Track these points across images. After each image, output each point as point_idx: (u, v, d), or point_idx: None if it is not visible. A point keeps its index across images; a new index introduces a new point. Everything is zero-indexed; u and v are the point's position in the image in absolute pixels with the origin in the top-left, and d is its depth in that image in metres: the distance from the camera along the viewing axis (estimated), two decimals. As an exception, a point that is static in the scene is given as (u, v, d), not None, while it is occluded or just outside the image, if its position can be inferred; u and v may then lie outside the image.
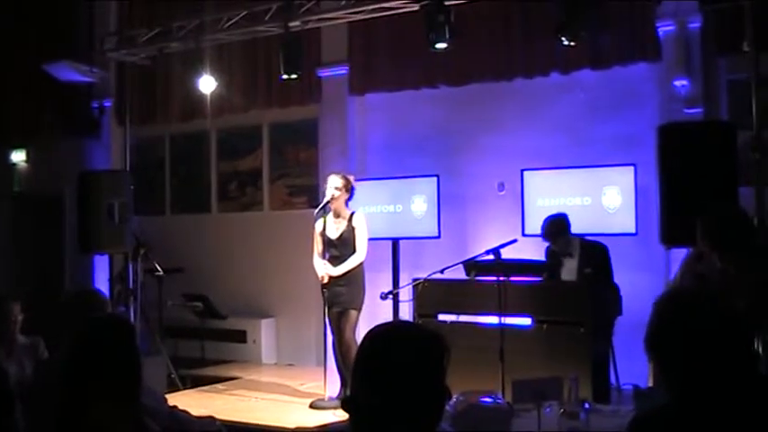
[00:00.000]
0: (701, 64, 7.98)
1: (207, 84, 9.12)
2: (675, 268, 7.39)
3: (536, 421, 3.81)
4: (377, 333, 2.24)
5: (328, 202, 7.54)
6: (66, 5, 11.27)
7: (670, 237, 6.46)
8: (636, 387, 4.86)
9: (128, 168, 9.96)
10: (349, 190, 7.61)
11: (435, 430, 2.20)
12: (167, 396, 6.95)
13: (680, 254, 6.86)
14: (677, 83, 8.00)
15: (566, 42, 7.48)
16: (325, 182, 7.73)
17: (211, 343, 10.00)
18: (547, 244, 7.53)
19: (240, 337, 10.40)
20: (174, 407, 3.47)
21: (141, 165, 11.00)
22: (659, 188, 6.56)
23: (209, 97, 9.44)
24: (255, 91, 10.46)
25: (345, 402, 2.21)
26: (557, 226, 7.35)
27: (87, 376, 2.87)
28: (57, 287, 10.65)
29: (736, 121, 7.07)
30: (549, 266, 7.28)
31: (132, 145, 10.38)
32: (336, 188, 7.52)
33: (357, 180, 7.94)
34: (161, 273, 9.20)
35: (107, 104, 11.00)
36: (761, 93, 6.50)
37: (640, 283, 7.79)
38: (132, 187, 9.19)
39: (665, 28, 8.09)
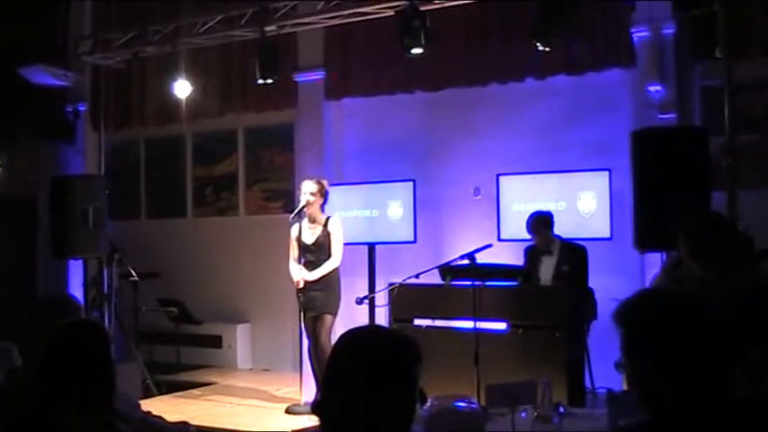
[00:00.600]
0: (674, 70, 8.04)
1: (182, 88, 9.10)
2: (650, 273, 7.46)
3: (510, 425, 3.82)
4: (349, 338, 2.24)
5: (303, 208, 7.54)
6: (40, 8, 11.20)
7: (644, 241, 6.51)
8: (610, 390, 4.88)
9: (102, 173, 9.92)
10: (323, 195, 7.62)
11: None
12: (142, 402, 6.92)
13: (654, 258, 6.93)
14: (651, 88, 8.05)
15: (540, 48, 7.52)
16: (300, 187, 7.72)
17: (187, 348, 9.98)
18: (525, 245, 7.59)
19: (216, 342, 10.38)
20: (148, 413, 3.46)
21: (116, 169, 10.97)
22: (633, 193, 6.61)
23: (184, 102, 9.41)
24: (231, 95, 10.44)
25: (316, 407, 2.20)
26: (542, 220, 7.47)
27: (60, 382, 2.86)
28: (30, 292, 10.58)
29: (708, 126, 7.14)
30: (525, 270, 7.31)
31: (107, 149, 10.34)
32: (311, 193, 7.52)
33: (333, 185, 7.94)
34: (136, 278, 9.15)
35: (82, 108, 10.92)
36: (733, 99, 6.57)
37: (615, 287, 7.79)
38: (107, 192, 9.13)
39: (639, 34, 8.15)
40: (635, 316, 2.19)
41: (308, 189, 7.54)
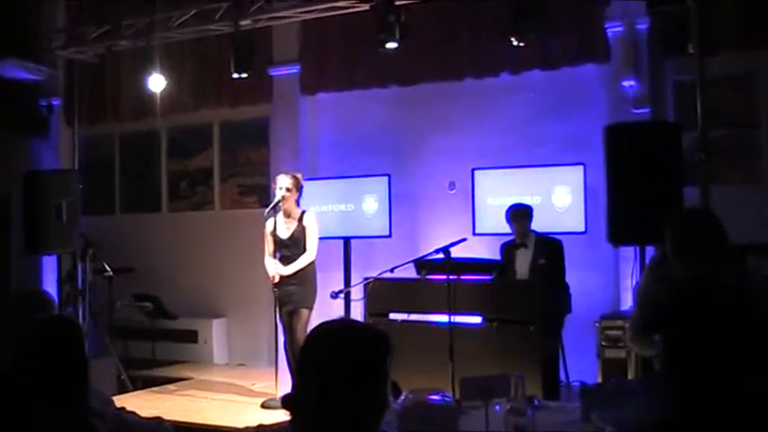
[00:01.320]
0: (648, 65, 8.11)
1: (157, 82, 9.06)
2: (624, 267, 7.54)
3: (484, 419, 3.84)
4: (321, 331, 2.24)
5: (279, 203, 7.53)
6: (12, 2, 11.10)
7: (617, 235, 6.55)
8: (583, 384, 4.91)
9: (76, 167, 9.86)
10: (299, 189, 7.62)
11: (377, 430, 2.19)
12: (117, 397, 6.89)
13: (628, 252, 6.99)
14: (625, 83, 8.11)
15: (515, 43, 7.54)
16: (275, 182, 7.71)
17: (162, 343, 9.94)
18: (503, 241, 7.61)
19: (191, 337, 10.35)
20: (122, 408, 3.45)
21: (90, 164, 10.93)
22: (606, 187, 6.65)
23: (159, 96, 9.36)
24: (206, 90, 10.41)
25: (287, 401, 2.21)
26: (523, 211, 7.50)
27: (33, 378, 2.85)
28: (3, 288, 10.50)
29: (681, 121, 7.20)
30: (501, 264, 7.34)
31: (81, 144, 10.29)
32: (286, 188, 7.51)
33: (308, 179, 7.94)
34: (110, 273, 9.11)
35: (55, 103, 10.85)
36: (706, 94, 6.62)
37: (589, 281, 7.91)
38: (81, 187, 9.10)
39: (613, 29, 8.20)
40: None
41: (283, 183, 7.53)
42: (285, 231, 7.59)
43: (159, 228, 11.04)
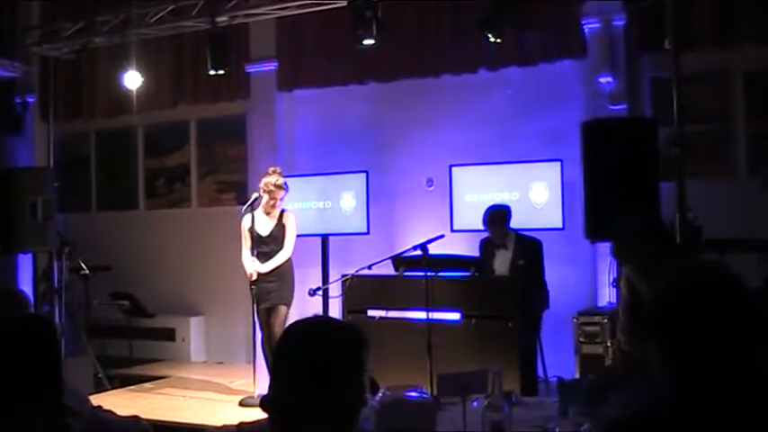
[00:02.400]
0: (625, 61, 8.13)
1: (133, 79, 9.02)
2: (601, 262, 7.58)
3: (462, 415, 3.85)
4: (294, 329, 2.24)
5: (256, 200, 7.53)
6: (-14, -1, 11.04)
7: (594, 232, 6.59)
8: (560, 378, 4.93)
9: (52, 165, 9.80)
10: (286, 188, 7.64)
11: (355, 426, 2.20)
12: (94, 396, 6.86)
13: (605, 248, 7.02)
14: (602, 80, 8.13)
15: (491, 39, 7.56)
16: (258, 179, 7.70)
17: (139, 342, 9.89)
18: (481, 237, 7.61)
19: (169, 335, 10.33)
20: (99, 407, 3.43)
21: (66, 161, 10.87)
22: (583, 183, 6.68)
23: (135, 93, 9.33)
24: (183, 87, 10.37)
25: (264, 401, 2.21)
26: (499, 214, 7.44)
27: (8, 377, 2.84)
28: (-22, 287, 10.44)
29: (658, 117, 7.24)
30: (479, 261, 7.35)
31: (57, 141, 10.22)
32: (275, 185, 7.51)
33: (286, 176, 7.92)
34: (87, 271, 9.07)
35: (30, 100, 10.73)
36: (682, 90, 6.65)
37: (567, 277, 7.94)
38: (56, 184, 9.04)
39: (590, 26, 8.22)
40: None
41: (275, 180, 7.53)
42: (265, 228, 7.59)
43: (136, 225, 11.00)
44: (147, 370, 9.51)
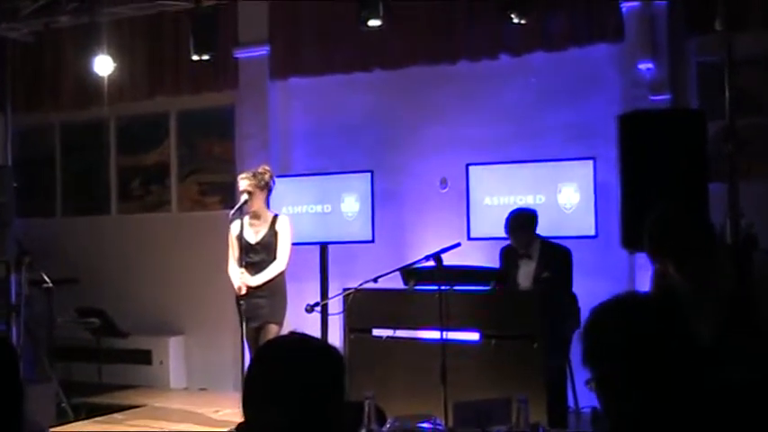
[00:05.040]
0: (667, 45, 8.11)
1: (104, 65, 9.03)
2: (640, 275, 7.53)
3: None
4: (267, 349, 2.35)
5: (245, 204, 7.51)
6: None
7: (632, 240, 6.53)
8: (595, 409, 4.91)
9: (9, 163, 9.81)
10: (264, 187, 7.58)
11: None
12: (57, 429, 6.83)
13: (644, 259, 6.96)
14: (641, 66, 8.11)
15: (516, 20, 7.55)
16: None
17: (110, 365, 9.86)
18: (502, 245, 7.59)
19: (144, 357, 10.32)
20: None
21: (26, 159, 10.88)
22: (620, 185, 6.65)
23: (106, 81, 9.33)
24: (161, 74, 10.37)
25: (239, 430, 2.28)
26: (523, 219, 7.44)
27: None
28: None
29: (706, 108, 7.20)
30: (500, 273, 7.32)
31: (15, 136, 10.25)
32: (246, 191, 7.46)
33: (279, 177, 7.92)
34: (50, 284, 9.04)
35: (-16, 88, 10.82)
36: (734, 77, 6.62)
37: (600, 291, 7.77)
38: (15, 185, 9.04)
39: (628, 4, 8.21)
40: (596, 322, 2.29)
41: (242, 186, 7.51)
42: (254, 235, 7.57)
43: (107, 232, 10.99)
44: (118, 398, 9.49)
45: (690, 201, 6.16)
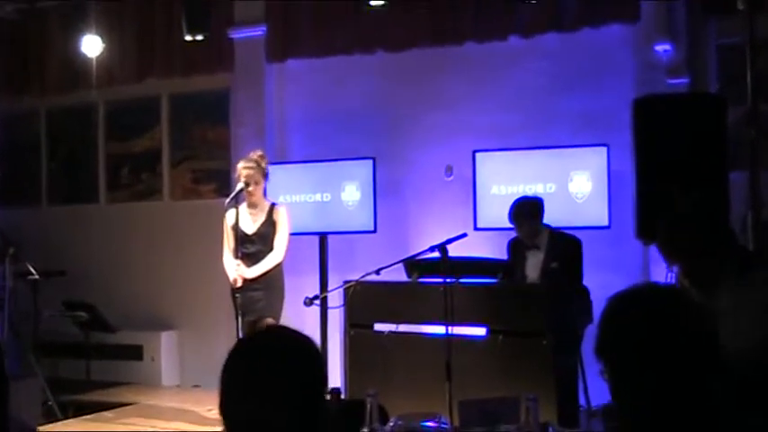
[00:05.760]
0: (686, 26, 8.11)
1: (92, 46, 9.01)
2: (655, 268, 7.52)
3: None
4: (243, 343, 2.38)
5: (241, 191, 7.51)
6: None
7: (647, 231, 6.55)
8: (607, 406, 4.91)
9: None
10: (265, 175, 7.60)
11: None
12: (43, 428, 6.84)
13: (660, 251, 6.97)
14: (658, 48, 8.11)
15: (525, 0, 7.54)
16: (236, 170, 7.69)
17: (99, 362, 9.88)
18: (510, 236, 7.59)
19: (135, 353, 10.32)
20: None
21: (10, 145, 10.88)
22: (635, 173, 6.64)
23: (94, 63, 9.31)
24: (152, 55, 10.35)
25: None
26: (528, 207, 7.42)
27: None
28: None
29: (727, 93, 7.19)
30: (508, 265, 7.33)
31: (-1, 121, 10.23)
32: (254, 181, 7.49)
33: (276, 164, 7.93)
34: (36, 277, 9.07)
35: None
36: (756, 60, 6.61)
37: (613, 285, 7.79)
38: (-1, 173, 9.05)
39: (644, -18, 8.21)
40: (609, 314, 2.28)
41: (246, 175, 7.50)
42: (250, 225, 7.58)
43: (96, 222, 11.01)
44: (107, 395, 9.49)
45: (709, 190, 6.16)
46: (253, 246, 7.56)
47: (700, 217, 4.59)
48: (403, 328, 7.16)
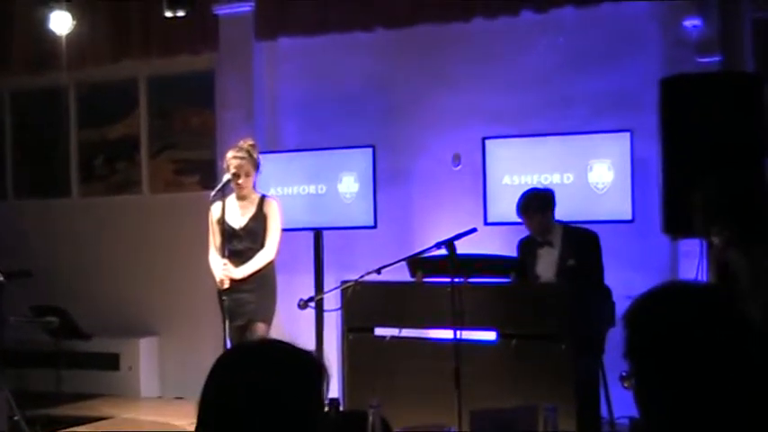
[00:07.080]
0: (717, -1, 8.14)
1: (62, 22, 9.01)
2: (684, 264, 7.55)
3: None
4: (230, 354, 2.38)
5: (228, 183, 7.52)
6: None
7: (674, 225, 6.57)
8: (633, 419, 4.93)
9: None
10: (257, 166, 7.61)
11: None
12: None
13: (690, 246, 6.99)
14: (687, 23, 8.12)
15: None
16: (224, 160, 7.69)
17: (71, 371, 9.89)
18: (521, 235, 7.60)
19: (111, 362, 10.36)
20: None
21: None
22: (661, 161, 6.66)
23: (65, 41, 9.32)
24: (129, 34, 10.36)
25: None
26: (538, 200, 7.43)
27: None
28: None
29: (762, 71, 7.21)
30: (520, 263, 7.34)
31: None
32: (245, 173, 7.49)
33: (266, 152, 7.93)
34: (1, 279, 9.07)
35: None
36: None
37: (638, 283, 7.84)
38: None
39: (671, -49, 8.23)
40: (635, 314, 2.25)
41: (237, 167, 7.50)
42: (238, 219, 7.58)
43: (67, 218, 11.02)
44: (81, 409, 9.54)
45: (743, 177, 6.18)
46: (241, 242, 7.55)
47: (747, 183, 4.63)
48: (406, 332, 7.17)
